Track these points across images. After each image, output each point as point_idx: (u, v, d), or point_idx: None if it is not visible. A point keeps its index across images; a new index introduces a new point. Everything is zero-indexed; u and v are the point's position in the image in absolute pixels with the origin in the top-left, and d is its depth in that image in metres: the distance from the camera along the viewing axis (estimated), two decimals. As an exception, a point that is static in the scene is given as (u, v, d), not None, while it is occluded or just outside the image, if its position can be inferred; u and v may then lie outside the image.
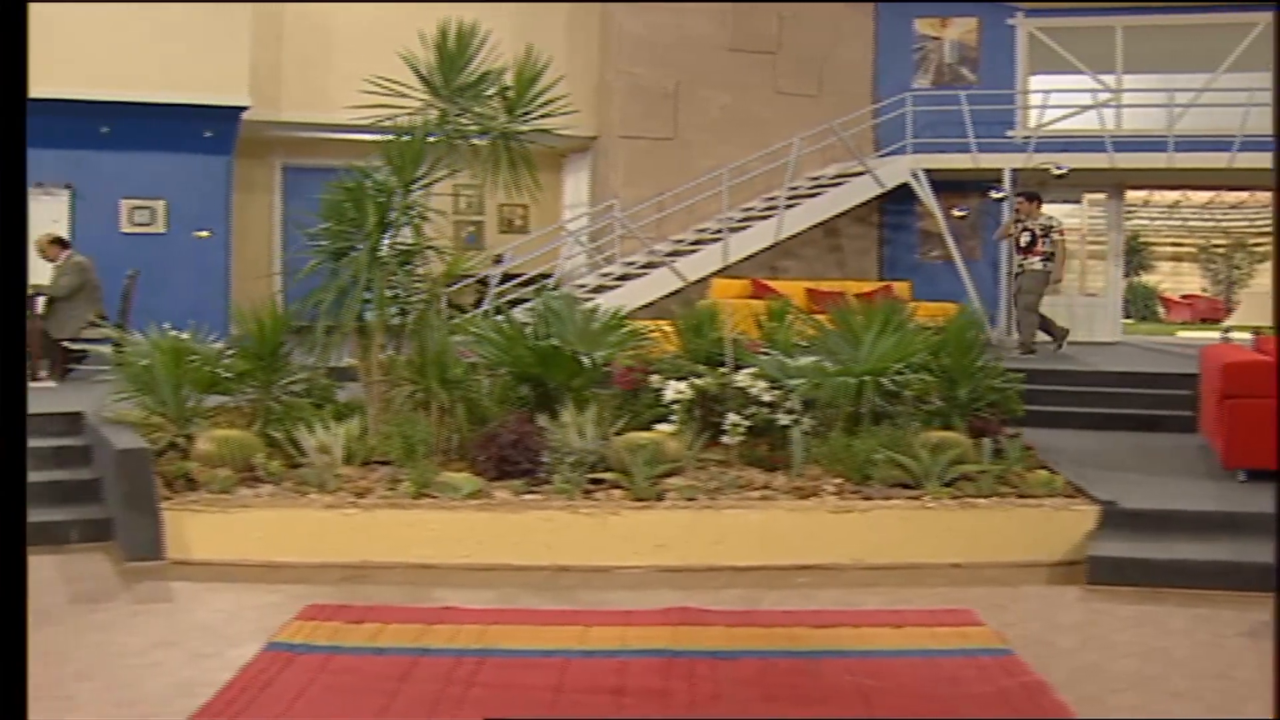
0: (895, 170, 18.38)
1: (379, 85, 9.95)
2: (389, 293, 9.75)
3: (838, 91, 19.53)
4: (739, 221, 17.90)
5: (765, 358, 10.18)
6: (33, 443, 9.95)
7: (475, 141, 10.18)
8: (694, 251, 17.58)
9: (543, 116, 10.14)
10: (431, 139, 9.96)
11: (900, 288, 17.56)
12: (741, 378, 9.77)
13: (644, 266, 17.49)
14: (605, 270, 17.88)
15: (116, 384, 10.18)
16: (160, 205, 17.45)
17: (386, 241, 9.76)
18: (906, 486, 9.11)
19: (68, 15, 16.37)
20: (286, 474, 9.13)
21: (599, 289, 16.78)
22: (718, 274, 17.56)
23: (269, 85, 17.79)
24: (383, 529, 8.46)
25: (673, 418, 9.67)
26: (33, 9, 15.68)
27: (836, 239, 19.43)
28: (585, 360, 10.13)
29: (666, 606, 7.44)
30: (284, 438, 9.51)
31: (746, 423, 9.61)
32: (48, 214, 16.82)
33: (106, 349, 10.19)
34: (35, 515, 9.07)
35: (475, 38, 10.13)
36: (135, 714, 5.73)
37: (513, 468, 9.14)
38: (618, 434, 9.57)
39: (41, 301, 13.40)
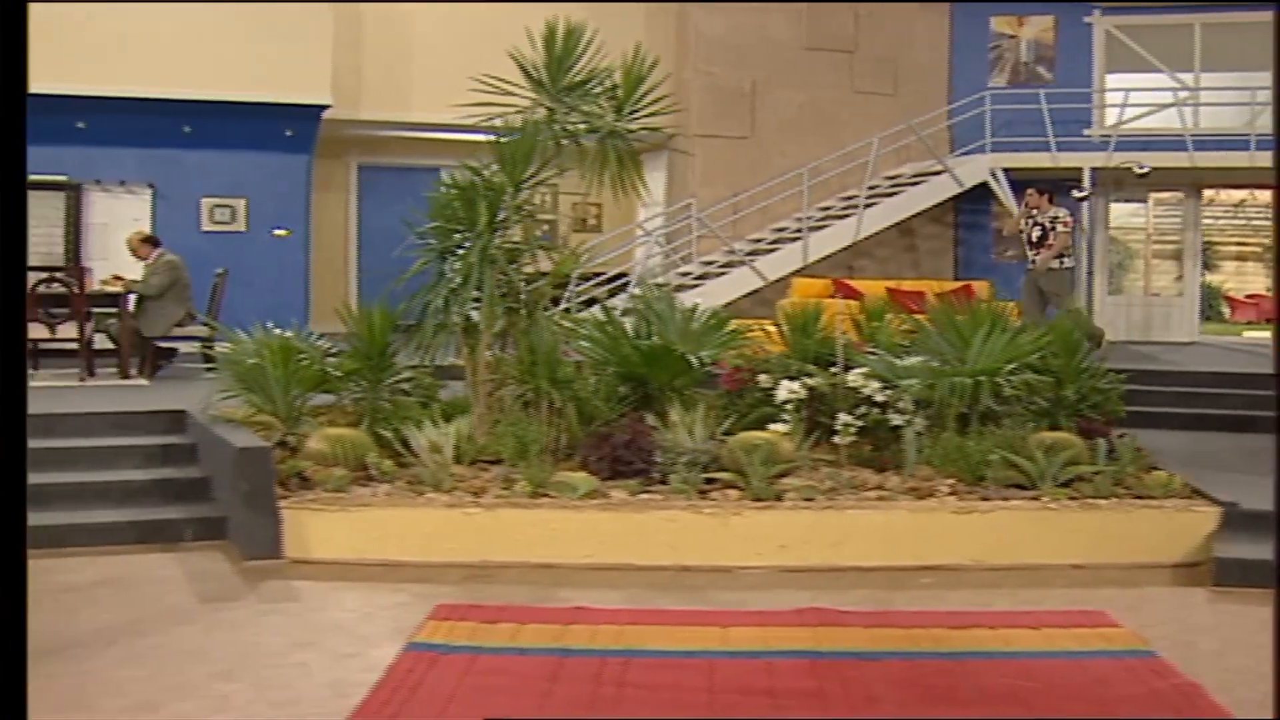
0: (974, 169, 18.28)
1: (484, 84, 9.88)
2: (498, 291, 9.70)
3: (913, 91, 19.43)
4: (818, 221, 17.81)
5: (874, 358, 10.09)
6: (138, 440, 10.06)
7: (582, 140, 10.11)
8: (773, 251, 17.50)
9: (650, 115, 10.08)
10: (539, 138, 9.88)
11: (980, 287, 17.42)
12: (853, 377, 9.69)
13: (723, 266, 17.43)
14: (682, 269, 17.82)
15: (222, 382, 10.17)
16: (241, 204, 17.49)
17: (497, 240, 9.70)
18: (1020, 488, 9.02)
19: (149, 15, 16.42)
20: (398, 473, 9.10)
21: (678, 288, 16.70)
22: (796, 273, 17.48)
23: (348, 84, 17.79)
24: (504, 528, 8.41)
25: (785, 418, 9.59)
26: (115, 9, 15.89)
27: (912, 239, 19.34)
28: (693, 360, 10.09)
29: (799, 607, 7.38)
30: (393, 437, 9.47)
31: (859, 423, 9.53)
32: (130, 213, 16.92)
33: (198, 347, 10.21)
34: (148, 513, 9.15)
35: (582, 37, 10.07)
36: (292, 715, 5.70)
37: (626, 467, 9.09)
38: (724, 434, 9.53)
39: (133, 300, 13.40)
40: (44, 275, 12.99)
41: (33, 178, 16.03)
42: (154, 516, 9.09)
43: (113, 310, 13.43)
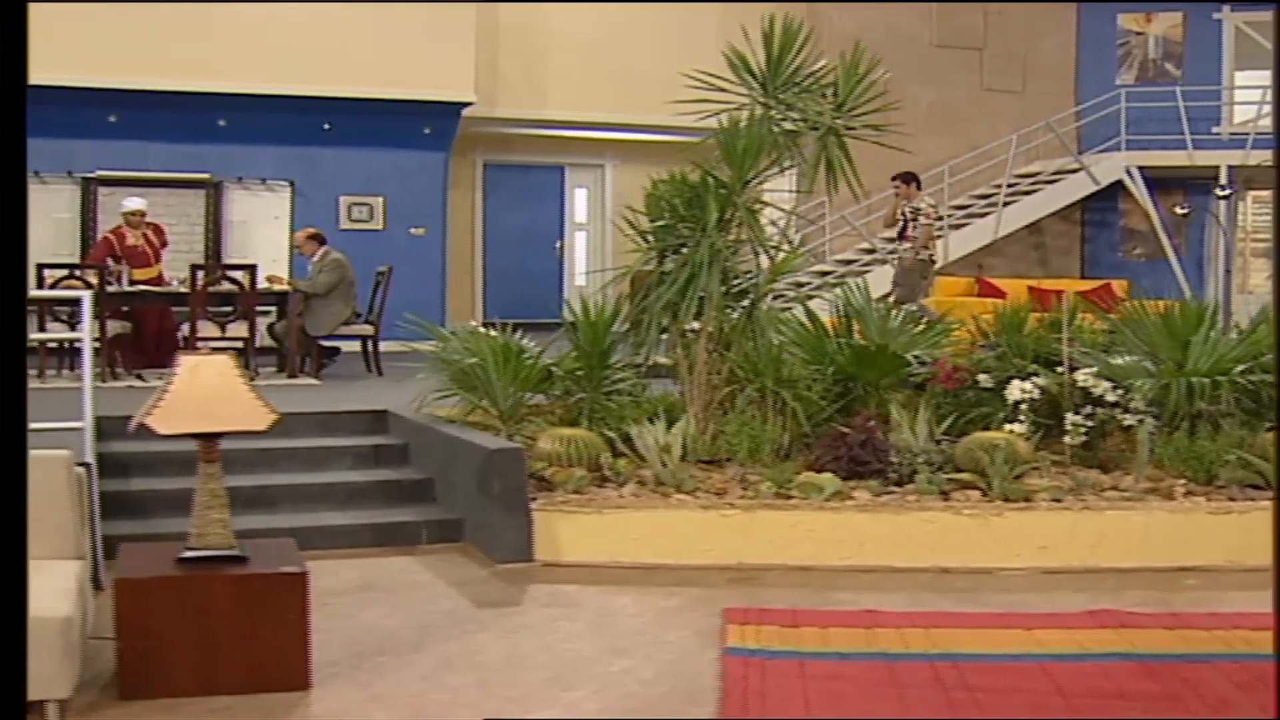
0: (1110, 168, 18.18)
1: (700, 82, 9.80)
2: (721, 289, 9.61)
3: (1040, 88, 19.34)
4: (960, 219, 17.71)
5: (1087, 357, 9.97)
6: (345, 441, 10.00)
7: (798, 138, 10.02)
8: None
9: (872, 112, 9.99)
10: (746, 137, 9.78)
11: (1119, 286, 17.31)
12: (1082, 377, 9.58)
13: (864, 265, 17.32)
14: (816, 268, 17.72)
15: (437, 381, 10.11)
16: (378, 202, 17.47)
17: (723, 238, 9.61)
18: (1255, 488, 8.89)
19: (292, 13, 16.38)
20: (632, 473, 9.01)
21: (819, 286, 16.62)
22: (937, 272, 17.34)
23: (483, 81, 17.73)
24: (762, 530, 8.32)
25: (1020, 418, 9.48)
26: (257, 8, 15.86)
27: (1040, 236, 19.24)
28: (909, 359, 10.01)
29: (1089, 610, 7.27)
30: (617, 436, 9.39)
31: (1088, 423, 9.42)
32: (269, 211, 16.93)
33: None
34: (379, 515, 9.08)
35: (800, 34, 9.97)
36: (656, 721, 5.62)
37: (863, 467, 8.99)
38: (945, 433, 9.43)
39: (299, 299, 13.34)
40: (217, 273, 12.95)
41: (174, 175, 16.06)
42: (386, 519, 9.02)
43: (267, 309, 13.44)
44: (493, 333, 10.31)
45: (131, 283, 13.34)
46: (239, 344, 12.96)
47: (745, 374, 9.64)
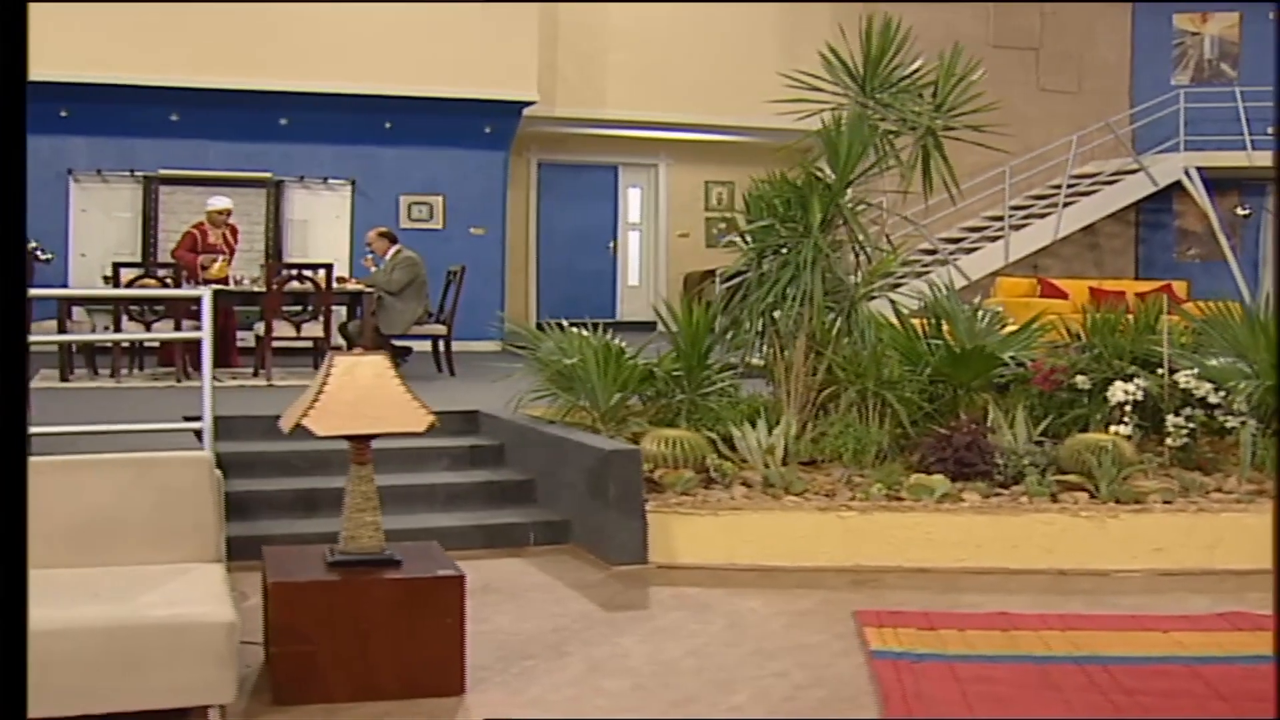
0: (1168, 168, 18.13)
1: (797, 81, 9.79)
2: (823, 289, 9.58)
3: (1096, 89, 19.31)
4: (1021, 219, 17.68)
5: (1200, 360, 9.94)
6: (440, 442, 9.88)
7: (893, 138, 10.00)
8: (974, 249, 17.36)
9: (974, 112, 9.98)
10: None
11: (1178, 287, 17.26)
12: (1184, 379, 9.54)
13: (925, 266, 17.29)
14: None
15: (535, 382, 10.08)
16: (438, 201, 17.46)
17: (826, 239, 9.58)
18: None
19: (352, 12, 16.37)
20: (736, 475, 8.98)
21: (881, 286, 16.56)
22: (996, 273, 17.34)
23: (542, 81, 17.69)
24: (878, 532, 8.29)
25: (1125, 420, 9.44)
26: (319, 7, 15.84)
27: (1094, 237, 19.19)
28: (1006, 359, 9.99)
29: (1220, 612, 7.24)
30: (718, 437, 9.36)
31: (1189, 425, 9.38)
32: (330, 210, 16.93)
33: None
34: (486, 517, 9.04)
35: (898, 35, 9.96)
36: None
37: (969, 469, 8.95)
38: (1043, 435, 9.40)
39: (373, 298, 13.31)
40: (293, 273, 12.94)
41: (236, 174, 16.05)
42: (493, 520, 8.98)
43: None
44: (584, 333, 10.27)
45: (203, 281, 13.32)
46: (310, 343, 12.95)
47: (846, 375, 9.59)
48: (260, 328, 12.96)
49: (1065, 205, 17.66)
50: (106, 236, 16.01)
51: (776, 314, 9.69)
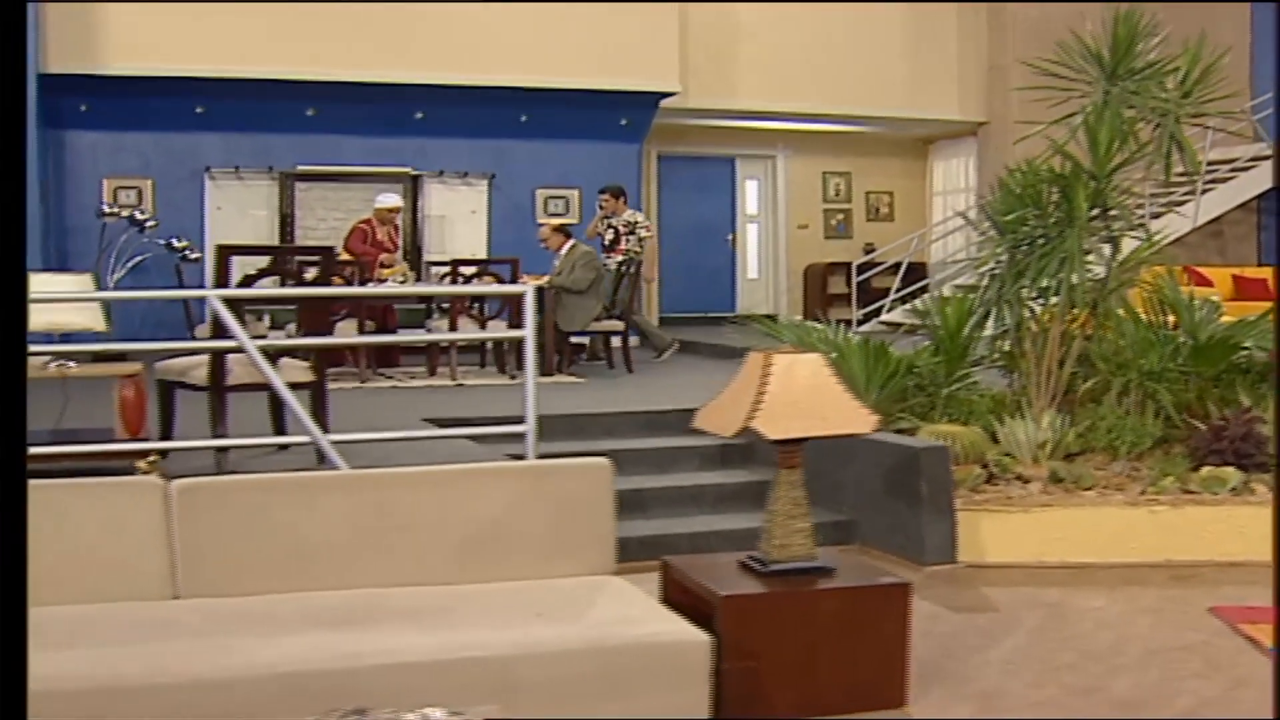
0: (1297, 153, 18.02)
1: (1048, 72, 9.66)
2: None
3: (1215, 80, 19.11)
4: (1160, 206, 17.58)
5: None
6: (683, 441, 9.70)
7: (1139, 126, 9.87)
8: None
9: (1223, 98, 9.87)
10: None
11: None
12: None
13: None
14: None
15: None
16: (574, 194, 17.33)
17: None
18: None
19: (487, 5, 16.24)
20: (1012, 469, 8.85)
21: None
22: (1141, 263, 17.18)
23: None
24: (1190, 526, 8.19)
25: None
26: (461, 6, 15.68)
27: (1218, 224, 19.07)
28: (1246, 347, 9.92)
29: None
30: (983, 430, 9.23)
31: None
32: (466, 205, 16.78)
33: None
34: (760, 519, 8.85)
35: (1145, 23, 9.84)
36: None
37: (1247, 460, 8.84)
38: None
39: (553, 295, 13.15)
40: (476, 269, 12.79)
41: (374, 169, 15.89)
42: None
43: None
44: (820, 326, 10.17)
45: (379, 280, 13.18)
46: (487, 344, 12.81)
47: (1108, 367, 9.46)
48: (443, 325, 12.78)
49: (1203, 193, 17.58)
50: (243, 234, 15.79)
51: (1038, 306, 9.54)
